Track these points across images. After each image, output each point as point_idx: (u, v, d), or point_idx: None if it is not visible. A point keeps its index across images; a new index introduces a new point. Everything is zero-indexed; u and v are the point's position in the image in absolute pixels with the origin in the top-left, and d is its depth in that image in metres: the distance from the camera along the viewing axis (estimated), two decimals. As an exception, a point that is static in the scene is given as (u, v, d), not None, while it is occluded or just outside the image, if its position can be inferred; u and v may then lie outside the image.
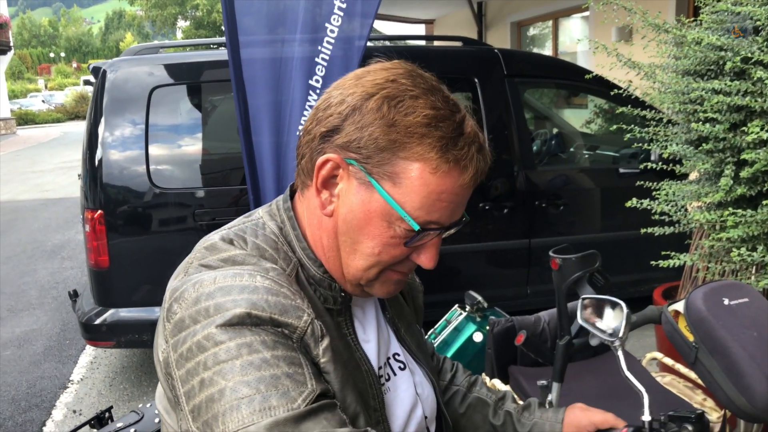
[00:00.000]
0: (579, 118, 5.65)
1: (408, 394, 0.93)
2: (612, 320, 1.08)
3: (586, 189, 4.15)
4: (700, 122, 2.02)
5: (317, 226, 0.86)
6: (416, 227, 0.78)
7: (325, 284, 0.87)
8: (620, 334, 1.04)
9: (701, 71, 2.10)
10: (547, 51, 9.53)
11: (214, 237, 0.86)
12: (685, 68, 2.16)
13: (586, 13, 8.22)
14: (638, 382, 1.00)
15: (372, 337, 0.92)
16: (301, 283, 0.84)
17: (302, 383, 0.71)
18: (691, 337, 1.64)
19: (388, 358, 0.94)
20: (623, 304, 1.05)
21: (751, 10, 1.90)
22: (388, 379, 0.93)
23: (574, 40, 8.77)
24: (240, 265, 0.80)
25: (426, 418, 0.95)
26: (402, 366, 0.95)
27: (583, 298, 1.17)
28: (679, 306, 1.75)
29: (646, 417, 0.97)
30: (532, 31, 10.19)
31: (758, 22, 1.89)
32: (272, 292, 0.75)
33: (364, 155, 0.78)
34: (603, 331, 1.08)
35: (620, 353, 1.03)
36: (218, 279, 0.77)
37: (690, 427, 0.94)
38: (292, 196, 0.91)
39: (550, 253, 1.76)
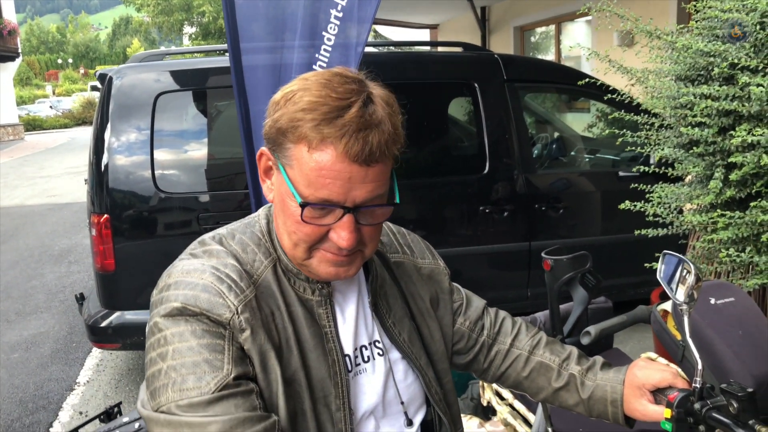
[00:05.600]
0: (580, 121, 5.68)
1: (381, 379, 1.01)
2: (680, 284, 1.06)
3: (586, 192, 4.18)
4: (690, 126, 2.06)
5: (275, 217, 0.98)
6: (299, 200, 0.88)
7: (302, 276, 0.96)
8: (683, 298, 1.03)
9: (691, 76, 2.15)
10: (550, 56, 9.56)
11: (208, 233, 0.99)
12: (676, 73, 2.20)
13: (589, 18, 8.26)
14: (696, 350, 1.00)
15: (350, 322, 1.00)
16: (277, 275, 0.95)
17: (219, 368, 0.84)
18: (678, 336, 1.68)
19: (371, 343, 1.02)
20: (692, 267, 1.02)
21: (739, 16, 1.94)
22: (366, 361, 1.01)
23: (577, 44, 8.79)
24: (210, 257, 0.93)
25: (403, 403, 1.03)
26: (381, 352, 1.03)
27: (664, 253, 1.14)
28: (668, 305, 1.79)
29: (697, 384, 0.98)
30: (535, 36, 10.24)
31: (746, 29, 1.93)
32: (207, 289, 0.88)
33: (273, 144, 0.91)
34: (672, 292, 1.07)
35: (686, 318, 1.03)
36: (181, 272, 0.91)
37: (735, 404, 0.93)
38: None
39: (542, 255, 1.80)
